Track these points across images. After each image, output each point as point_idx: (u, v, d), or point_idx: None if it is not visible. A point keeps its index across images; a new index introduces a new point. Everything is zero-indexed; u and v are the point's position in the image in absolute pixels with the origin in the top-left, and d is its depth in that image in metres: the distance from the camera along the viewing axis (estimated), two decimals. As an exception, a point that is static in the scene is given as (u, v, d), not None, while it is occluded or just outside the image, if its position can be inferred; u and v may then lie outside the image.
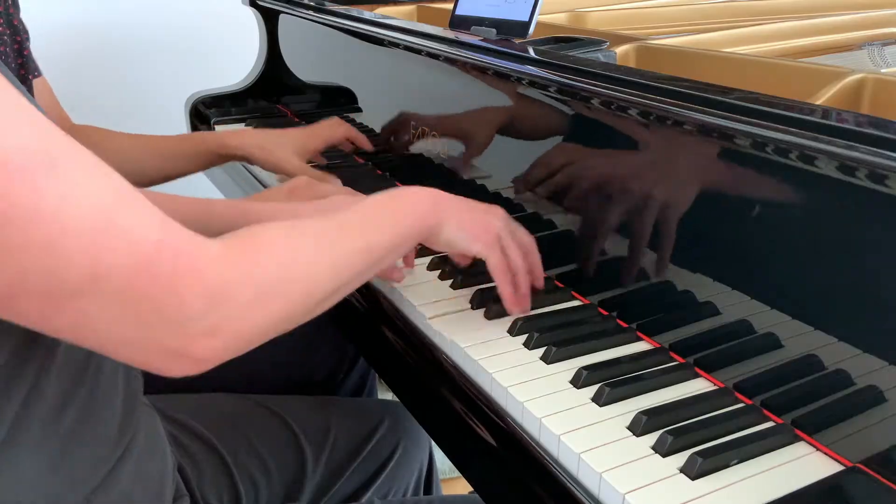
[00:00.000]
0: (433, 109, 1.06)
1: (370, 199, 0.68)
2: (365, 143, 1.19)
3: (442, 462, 1.18)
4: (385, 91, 1.20)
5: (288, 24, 1.51)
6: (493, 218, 0.73)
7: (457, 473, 0.73)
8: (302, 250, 0.57)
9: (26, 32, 1.02)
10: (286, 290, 0.54)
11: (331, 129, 1.17)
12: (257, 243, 0.54)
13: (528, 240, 0.77)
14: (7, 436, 0.53)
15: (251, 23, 1.61)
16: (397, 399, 0.88)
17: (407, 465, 0.96)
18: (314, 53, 1.45)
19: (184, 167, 1.11)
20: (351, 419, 0.94)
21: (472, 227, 0.71)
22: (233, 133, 1.14)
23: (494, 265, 0.72)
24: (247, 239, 0.54)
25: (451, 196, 0.73)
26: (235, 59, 1.75)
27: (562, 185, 0.83)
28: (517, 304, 0.74)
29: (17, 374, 0.53)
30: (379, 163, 1.22)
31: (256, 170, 1.28)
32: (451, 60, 0.98)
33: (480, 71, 0.93)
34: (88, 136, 1.10)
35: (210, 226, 0.81)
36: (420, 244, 0.72)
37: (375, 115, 1.23)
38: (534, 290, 0.76)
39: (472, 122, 0.98)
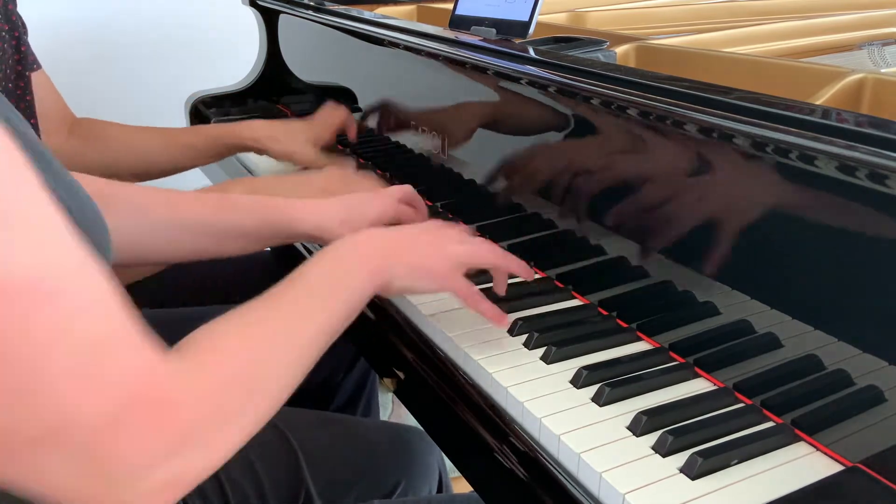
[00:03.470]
0: (433, 109, 1.06)
1: (317, 269, 0.64)
2: (352, 132, 1.22)
3: (442, 462, 1.18)
4: (385, 91, 1.20)
5: (288, 24, 1.51)
6: (446, 243, 0.70)
7: (457, 473, 0.73)
8: (263, 354, 0.54)
9: (24, 27, 1.01)
10: (251, 403, 0.52)
11: (333, 116, 1.20)
12: (220, 359, 0.51)
13: (489, 245, 0.74)
14: None
15: (251, 23, 1.61)
16: (404, 423, 0.86)
17: (412, 493, 0.92)
18: (314, 53, 1.44)
19: (195, 159, 1.12)
20: (354, 442, 0.91)
21: (425, 266, 0.68)
22: (245, 125, 1.16)
23: (463, 294, 0.69)
24: (208, 358, 0.51)
25: (400, 236, 0.70)
26: (235, 59, 1.75)
27: (561, 185, 0.83)
28: (502, 320, 0.71)
29: None
30: (380, 163, 1.22)
31: (250, 162, 1.28)
32: (451, 60, 0.98)
33: (480, 71, 0.93)
34: (93, 130, 1.09)
35: (233, 220, 0.79)
36: None
37: (375, 114, 1.23)
38: (532, 290, 0.76)
39: (471, 122, 0.98)
